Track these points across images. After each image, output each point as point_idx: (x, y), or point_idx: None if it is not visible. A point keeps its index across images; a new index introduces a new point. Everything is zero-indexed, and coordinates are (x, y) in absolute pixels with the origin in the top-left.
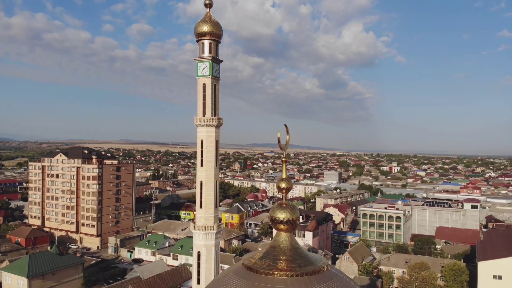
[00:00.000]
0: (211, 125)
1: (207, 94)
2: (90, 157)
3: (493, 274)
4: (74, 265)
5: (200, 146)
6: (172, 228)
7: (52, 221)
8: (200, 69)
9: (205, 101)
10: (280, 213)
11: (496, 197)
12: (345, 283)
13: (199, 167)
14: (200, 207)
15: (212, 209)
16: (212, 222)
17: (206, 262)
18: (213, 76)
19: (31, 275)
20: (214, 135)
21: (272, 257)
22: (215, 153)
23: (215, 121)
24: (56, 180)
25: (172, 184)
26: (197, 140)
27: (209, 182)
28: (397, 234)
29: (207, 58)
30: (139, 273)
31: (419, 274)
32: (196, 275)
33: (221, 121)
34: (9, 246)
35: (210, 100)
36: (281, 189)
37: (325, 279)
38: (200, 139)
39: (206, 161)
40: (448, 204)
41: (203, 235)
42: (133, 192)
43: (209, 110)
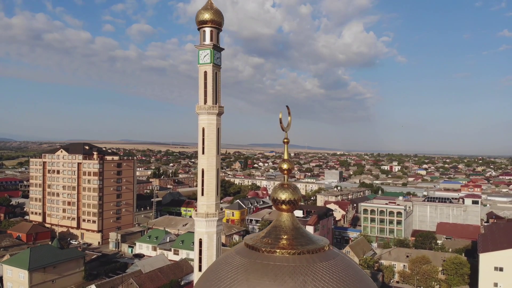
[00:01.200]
0: (213, 113)
1: (208, 82)
2: (91, 153)
3: (494, 266)
4: (75, 259)
5: (202, 134)
6: (173, 224)
7: (53, 217)
8: (201, 56)
9: (206, 89)
10: (282, 193)
11: (497, 195)
12: (347, 262)
13: (201, 155)
14: (202, 195)
15: (214, 196)
16: (213, 209)
17: (208, 249)
18: (214, 64)
19: (32, 268)
20: (215, 123)
21: (274, 236)
22: (217, 141)
23: (217, 109)
24: (57, 176)
25: (173, 182)
26: (199, 128)
27: (211, 170)
28: (398, 229)
29: (208, 45)
30: (140, 267)
31: (420, 268)
32: (198, 262)
33: (222, 109)
34: (10, 241)
35: (212, 88)
36: (282, 170)
37: (326, 257)
38: (202, 127)
39: (208, 149)
40: (449, 200)
41: (205, 222)
42: (134, 188)
43: (210, 98)
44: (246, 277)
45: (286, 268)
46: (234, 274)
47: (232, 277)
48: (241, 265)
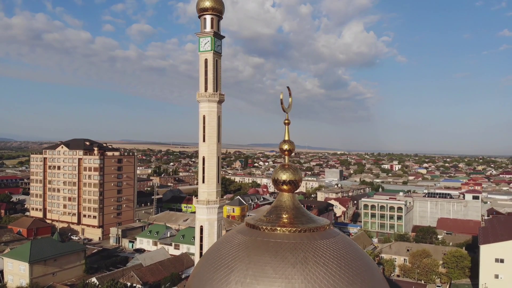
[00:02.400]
0: (213, 101)
1: (209, 70)
2: (91, 149)
3: (495, 258)
4: (76, 252)
5: (202, 122)
6: (174, 219)
7: (54, 213)
8: (202, 44)
9: (207, 76)
10: (283, 173)
11: (497, 193)
12: (348, 241)
13: (201, 142)
14: (203, 182)
15: (215, 184)
16: (214, 196)
17: (209, 236)
18: (215, 51)
19: (33, 260)
20: (216, 110)
21: (274, 216)
22: (217, 128)
23: (217, 96)
24: (57, 172)
25: (173, 180)
26: (199, 116)
27: (212, 157)
28: (399, 224)
29: (209, 33)
30: (140, 260)
31: (421, 261)
32: (199, 249)
33: (223, 96)
34: (11, 236)
35: (212, 75)
36: (283, 150)
37: (327, 235)
38: (202, 114)
39: (208, 136)
40: (450, 196)
41: (206, 209)
42: (134, 184)
43: (211, 85)
44: (247, 254)
45: (287, 244)
46: (235, 251)
47: (233, 254)
48: (242, 243)
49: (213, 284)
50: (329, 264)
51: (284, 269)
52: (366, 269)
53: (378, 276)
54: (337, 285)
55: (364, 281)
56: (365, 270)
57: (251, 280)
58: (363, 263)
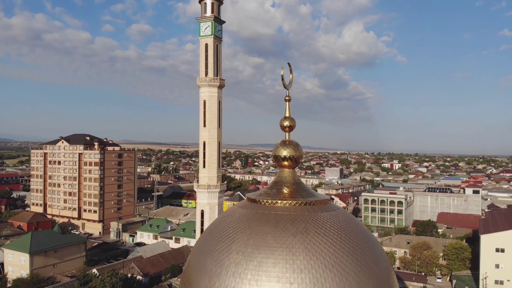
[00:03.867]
0: (214, 85)
1: (209, 54)
2: (92, 144)
3: (495, 247)
4: (76, 244)
5: (203, 107)
6: (174, 214)
7: (54, 208)
8: (202, 29)
9: (207, 61)
10: (284, 149)
11: (497, 191)
12: (348, 215)
13: (202, 127)
14: (203, 167)
15: (215, 169)
16: (215, 181)
17: (210, 220)
18: (215, 36)
19: (33, 251)
20: (216, 95)
21: (275, 190)
22: (218, 113)
23: (218, 81)
24: (58, 167)
25: (173, 178)
26: (200, 101)
27: (212, 142)
28: (399, 219)
29: (209, 17)
30: (141, 253)
31: (421, 253)
32: (200, 233)
33: (223, 82)
34: (11, 230)
35: (213, 60)
36: (284, 127)
37: (328, 209)
38: (203, 99)
39: (209, 122)
40: (450, 190)
41: (207, 194)
42: (135, 179)
43: (211, 70)
44: (248, 225)
45: (287, 216)
46: (236, 223)
47: (234, 226)
48: (243, 216)
49: (214, 255)
50: (330, 234)
51: (285, 239)
52: (366, 241)
53: (379, 249)
54: (338, 254)
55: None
56: (366, 242)
57: (252, 250)
58: (363, 236)
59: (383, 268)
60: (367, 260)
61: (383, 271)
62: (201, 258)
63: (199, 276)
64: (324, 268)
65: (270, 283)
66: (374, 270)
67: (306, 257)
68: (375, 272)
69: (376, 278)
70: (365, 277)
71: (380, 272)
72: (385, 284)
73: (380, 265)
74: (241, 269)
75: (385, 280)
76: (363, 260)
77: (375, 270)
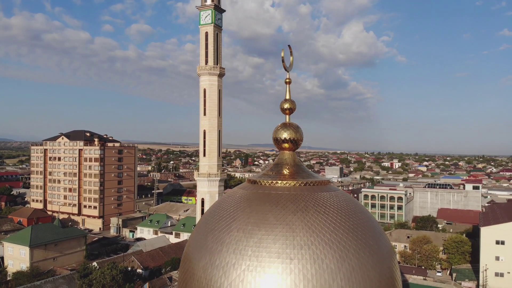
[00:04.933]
0: (214, 74)
1: (209, 43)
2: (92, 140)
3: (496, 240)
4: (76, 238)
5: (203, 95)
6: (174, 210)
7: (54, 204)
8: (203, 17)
9: (207, 49)
10: (284, 131)
11: (497, 189)
12: (348, 196)
13: (202, 116)
14: (204, 156)
15: (216, 157)
16: (215, 170)
17: None
18: (215, 24)
19: (33, 244)
20: (217, 84)
21: (275, 171)
22: (218, 102)
23: (218, 70)
24: (58, 163)
25: (173, 176)
26: (200, 89)
27: (213, 131)
28: (399, 214)
29: (210, 6)
30: (141, 247)
31: (421, 247)
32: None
33: (223, 70)
34: (11, 226)
35: (213, 49)
36: (284, 109)
37: (328, 189)
38: (203, 88)
39: (209, 110)
40: (450, 186)
41: (207, 182)
42: (135, 175)
43: (211, 58)
44: (249, 204)
45: (287, 195)
46: (236, 203)
47: (234, 206)
48: (243, 196)
49: (215, 234)
50: (330, 213)
51: (285, 217)
52: (367, 221)
53: (379, 229)
54: (338, 231)
55: (365, 231)
56: (366, 222)
57: (253, 227)
58: (364, 216)
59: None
60: (368, 239)
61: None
62: (202, 237)
63: (199, 254)
64: (324, 245)
65: (271, 259)
66: (375, 249)
67: (306, 234)
68: (376, 250)
69: (377, 256)
70: (366, 255)
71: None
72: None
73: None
74: (242, 246)
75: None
76: (363, 238)
77: (375, 248)
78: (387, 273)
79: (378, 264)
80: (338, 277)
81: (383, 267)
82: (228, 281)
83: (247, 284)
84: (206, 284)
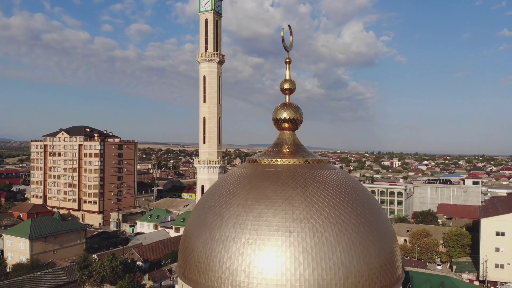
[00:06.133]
0: (214, 61)
1: (209, 29)
2: (92, 135)
3: (496, 231)
4: (76, 231)
5: (203, 82)
6: (174, 205)
7: (54, 199)
8: (202, 4)
9: (207, 36)
10: (284, 111)
11: (497, 187)
12: (347, 174)
13: (202, 103)
14: (204, 143)
15: (216, 144)
16: (215, 157)
17: None
18: (215, 11)
19: (33, 236)
20: (216, 71)
21: (275, 150)
22: (218, 89)
23: (218, 56)
24: (58, 159)
25: (173, 174)
26: (200, 76)
27: (212, 118)
28: (399, 209)
29: None
30: (141, 240)
31: (421, 241)
32: None
33: (223, 57)
34: (11, 221)
35: (213, 35)
36: (284, 89)
37: (327, 168)
38: (203, 75)
39: (209, 97)
40: (450, 182)
41: (207, 169)
42: (135, 170)
43: (211, 45)
44: (249, 181)
45: (287, 172)
46: (236, 180)
47: (235, 183)
48: (243, 173)
49: (215, 210)
50: (329, 189)
51: (284, 192)
52: (366, 198)
53: (379, 207)
54: (337, 206)
55: (365, 207)
56: (366, 199)
57: (252, 202)
58: (363, 194)
59: (383, 224)
60: (367, 215)
61: (383, 225)
62: (202, 214)
63: (199, 230)
64: (324, 219)
65: (270, 232)
66: (374, 224)
67: (305, 208)
68: (376, 226)
69: (376, 232)
70: (365, 230)
71: (380, 227)
72: (386, 239)
73: (380, 220)
74: (241, 220)
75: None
76: (363, 214)
77: (375, 224)
78: (387, 249)
79: (378, 240)
80: (338, 250)
81: (383, 243)
82: (228, 254)
83: (246, 256)
84: (206, 259)
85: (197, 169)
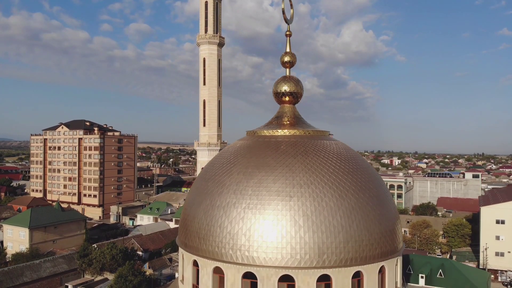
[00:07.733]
0: (214, 43)
1: (209, 11)
2: (92, 129)
3: (496, 219)
4: (76, 221)
5: (203, 65)
6: (174, 198)
7: (54, 193)
8: None
9: (207, 18)
10: (284, 84)
11: (497, 185)
12: (347, 146)
13: (202, 85)
14: (204, 126)
15: (216, 127)
16: (215, 139)
17: None
18: None
19: (33, 226)
20: (216, 53)
21: (276, 123)
22: (218, 72)
23: (217, 38)
24: (57, 153)
25: (173, 171)
26: (199, 58)
27: (212, 101)
28: (399, 202)
29: None
30: (141, 231)
31: (421, 231)
32: None
33: (223, 39)
34: (11, 213)
35: (213, 17)
36: (284, 62)
37: (328, 138)
38: (202, 57)
39: (209, 80)
40: (449, 175)
41: (207, 152)
42: (134, 164)
43: (211, 27)
44: (249, 150)
45: (287, 142)
46: (236, 151)
47: (235, 153)
48: (243, 145)
49: (216, 178)
50: (329, 157)
51: (285, 159)
52: (366, 167)
53: (378, 177)
54: (337, 173)
55: (365, 175)
56: (366, 168)
57: (253, 170)
58: (363, 163)
59: (383, 192)
60: (367, 183)
61: (383, 194)
62: (203, 183)
63: (200, 198)
64: (324, 185)
65: (270, 197)
66: (374, 192)
67: (305, 174)
68: (375, 193)
69: (376, 199)
70: (365, 196)
71: (380, 195)
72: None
73: (380, 189)
74: (242, 187)
75: (385, 203)
76: (363, 181)
77: (375, 191)
78: (387, 217)
79: (378, 206)
80: (338, 214)
81: (384, 210)
82: (228, 220)
83: (247, 221)
84: (207, 225)
85: (197, 152)
